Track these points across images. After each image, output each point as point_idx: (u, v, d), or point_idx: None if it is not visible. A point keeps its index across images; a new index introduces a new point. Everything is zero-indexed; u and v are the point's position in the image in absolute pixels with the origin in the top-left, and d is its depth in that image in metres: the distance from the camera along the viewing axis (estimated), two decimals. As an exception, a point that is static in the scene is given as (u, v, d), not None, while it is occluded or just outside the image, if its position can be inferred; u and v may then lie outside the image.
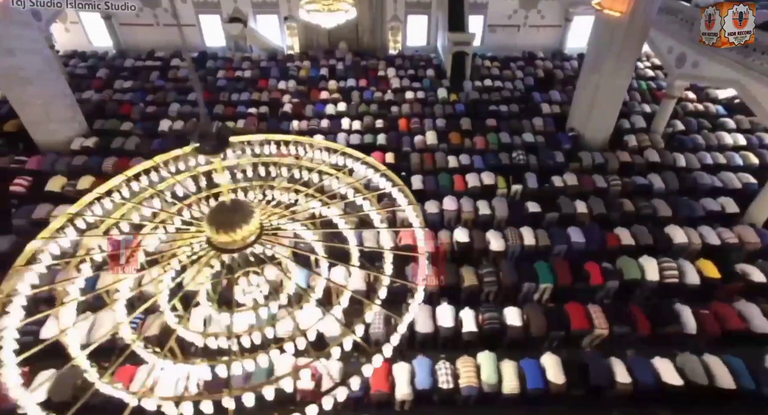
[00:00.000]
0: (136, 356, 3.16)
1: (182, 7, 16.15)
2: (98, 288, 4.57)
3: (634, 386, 5.56)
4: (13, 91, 9.48)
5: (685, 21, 9.74)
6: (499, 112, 11.54)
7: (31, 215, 8.07)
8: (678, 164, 9.69)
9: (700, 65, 9.43)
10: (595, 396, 5.73)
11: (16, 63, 8.97)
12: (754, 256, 7.56)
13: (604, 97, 9.95)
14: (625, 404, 5.59)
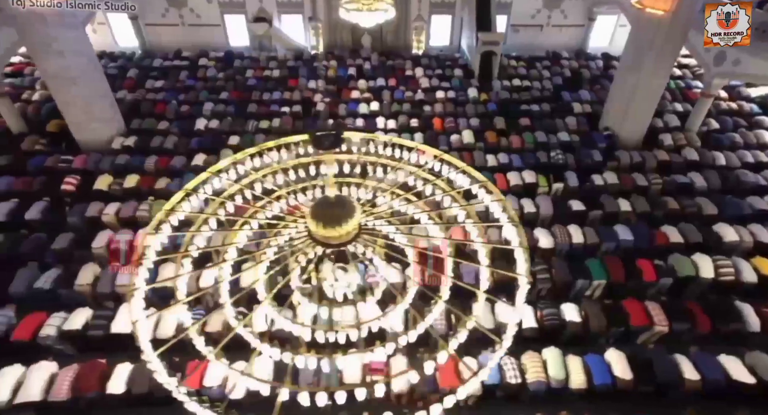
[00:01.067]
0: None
1: (207, 7, 16.16)
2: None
3: (702, 384, 5.50)
4: (60, 92, 9.50)
5: (724, 19, 9.66)
6: (531, 111, 11.48)
7: (84, 213, 8.09)
8: (717, 163, 9.63)
9: (742, 62, 9.38)
10: (662, 393, 5.67)
11: (65, 64, 9.02)
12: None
13: (641, 97, 9.89)
14: (694, 402, 5.51)
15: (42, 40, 8.69)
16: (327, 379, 5.36)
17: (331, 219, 3.33)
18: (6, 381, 5.23)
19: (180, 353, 5.79)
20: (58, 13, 8.50)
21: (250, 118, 11.16)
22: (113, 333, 6.04)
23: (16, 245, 7.36)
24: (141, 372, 5.44)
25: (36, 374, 5.30)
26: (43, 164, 9.38)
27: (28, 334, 5.93)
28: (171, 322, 6.11)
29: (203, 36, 16.17)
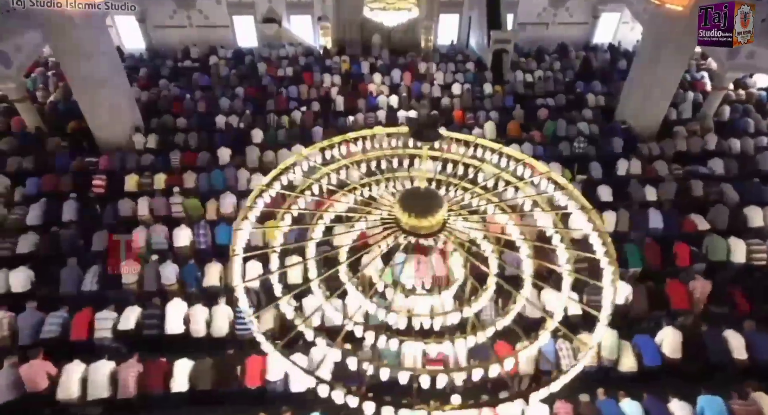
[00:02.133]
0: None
1: (216, 8, 16.05)
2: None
3: (754, 362, 5.58)
4: (87, 95, 9.32)
5: (736, 13, 9.86)
6: (547, 104, 11.58)
7: (117, 213, 7.96)
8: (734, 150, 9.81)
9: (757, 55, 9.57)
10: (711, 372, 5.73)
11: (94, 66, 8.89)
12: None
13: (658, 90, 10.05)
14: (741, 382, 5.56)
15: (71, 43, 8.55)
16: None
17: (421, 210, 3.36)
18: (72, 378, 5.18)
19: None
20: (86, 14, 8.39)
21: (269, 114, 11.07)
22: (168, 334, 6.00)
23: (54, 244, 7.20)
24: (202, 369, 5.38)
25: (100, 371, 5.23)
26: (68, 165, 9.19)
27: (84, 333, 5.89)
28: (223, 321, 6.03)
29: (211, 37, 16.02)
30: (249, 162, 9.39)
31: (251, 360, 5.41)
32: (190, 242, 7.44)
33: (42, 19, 8.33)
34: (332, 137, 4.01)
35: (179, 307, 6.01)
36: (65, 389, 5.17)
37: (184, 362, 5.38)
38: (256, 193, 3.68)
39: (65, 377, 5.20)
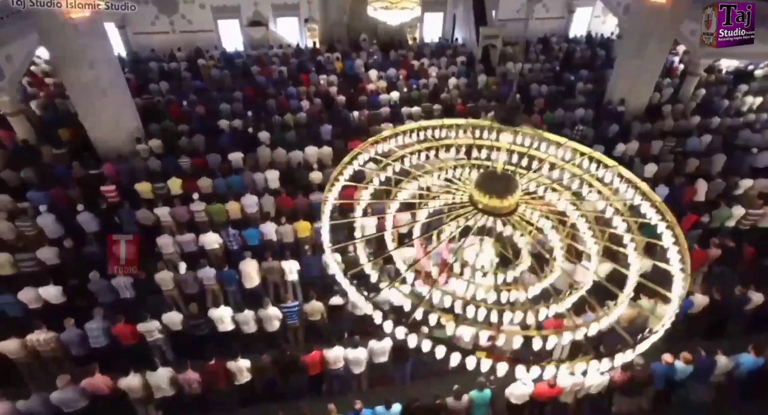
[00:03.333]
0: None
1: (200, 13, 15.64)
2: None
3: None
4: (88, 103, 8.87)
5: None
6: (541, 92, 11.97)
7: (134, 219, 7.65)
8: (712, 126, 10.50)
9: (729, 41, 10.24)
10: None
11: (96, 74, 8.51)
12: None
13: (644, 77, 10.63)
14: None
15: (74, 51, 8.12)
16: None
17: (498, 190, 3.52)
18: (134, 389, 5.08)
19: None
20: (90, 20, 8.04)
21: (272, 115, 10.90)
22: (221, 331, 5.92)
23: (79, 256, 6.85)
24: (264, 365, 5.32)
25: (161, 378, 5.10)
26: (68, 175, 8.73)
27: (133, 339, 5.73)
28: (275, 320, 5.95)
29: (196, 42, 15.54)
30: (262, 163, 9.24)
31: (311, 354, 5.38)
32: (219, 245, 7.26)
33: (42, 27, 7.94)
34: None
35: (221, 310, 5.87)
36: (132, 393, 5.11)
37: (244, 361, 5.26)
38: (340, 169, 3.91)
39: (126, 388, 5.04)
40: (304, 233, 7.42)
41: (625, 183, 3.58)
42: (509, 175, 3.71)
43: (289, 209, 7.96)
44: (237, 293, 6.81)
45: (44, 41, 8.36)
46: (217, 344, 5.82)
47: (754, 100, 12.03)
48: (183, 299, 6.72)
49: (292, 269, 6.64)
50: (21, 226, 7.34)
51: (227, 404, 5.63)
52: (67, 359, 5.83)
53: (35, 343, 5.45)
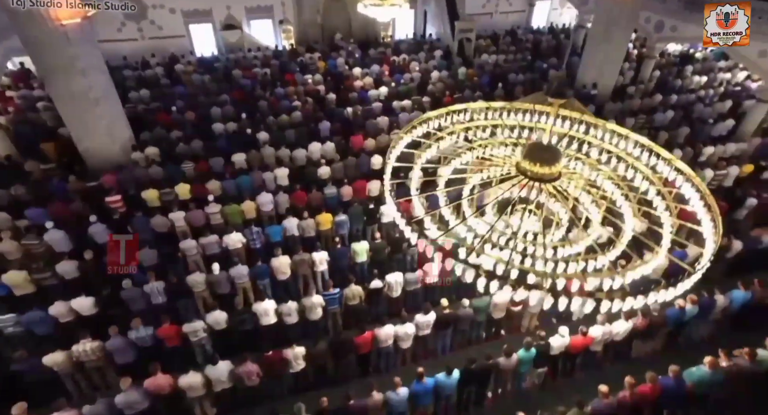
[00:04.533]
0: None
1: (170, 18, 15.17)
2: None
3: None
4: (79, 114, 8.50)
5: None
6: (518, 80, 12.67)
7: (148, 227, 7.52)
8: (672, 103, 11.60)
9: (679, 29, 11.40)
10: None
11: (88, 83, 8.21)
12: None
13: (611, 61, 11.54)
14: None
15: (65, 60, 7.80)
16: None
17: (544, 158, 4.05)
18: (194, 386, 5.13)
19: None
20: (80, 27, 7.75)
21: (265, 115, 10.90)
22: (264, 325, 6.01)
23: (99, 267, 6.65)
24: (320, 349, 5.52)
25: (221, 373, 5.18)
26: (64, 189, 8.37)
27: (178, 341, 5.75)
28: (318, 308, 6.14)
29: (167, 49, 15.05)
30: (266, 162, 9.26)
31: (363, 335, 5.61)
32: (243, 244, 7.28)
33: (30, 36, 7.57)
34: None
35: (266, 304, 5.96)
36: (191, 391, 5.13)
37: (299, 348, 5.42)
38: (398, 138, 4.61)
39: (186, 386, 5.06)
40: (326, 225, 7.59)
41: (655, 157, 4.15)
42: (553, 147, 4.21)
43: (303, 205, 8.08)
44: (268, 287, 6.89)
45: (31, 52, 7.92)
46: (250, 340, 5.93)
47: (700, 79, 13.33)
48: (214, 300, 6.73)
49: (323, 259, 6.81)
50: (28, 244, 7.02)
51: (278, 395, 5.75)
52: (110, 368, 5.74)
53: (81, 353, 5.33)
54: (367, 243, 7.00)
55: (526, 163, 4.33)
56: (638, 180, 4.17)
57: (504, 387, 5.73)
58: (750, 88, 12.95)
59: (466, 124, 4.67)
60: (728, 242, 6.90)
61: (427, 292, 6.75)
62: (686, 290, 3.50)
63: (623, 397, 4.80)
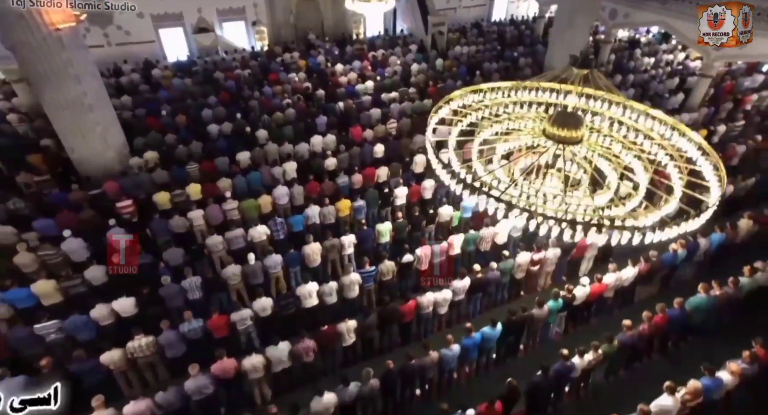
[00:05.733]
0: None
1: (138, 22, 14.64)
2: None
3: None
4: (73, 121, 8.23)
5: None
6: (492, 68, 13.43)
7: (167, 228, 7.48)
8: (630, 82, 12.79)
9: (631, 15, 12.60)
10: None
11: (82, 89, 7.99)
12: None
13: (577, 44, 12.49)
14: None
15: (58, 66, 7.56)
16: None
17: (568, 124, 4.72)
18: (257, 366, 5.30)
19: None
20: (73, 32, 7.53)
21: (262, 115, 10.93)
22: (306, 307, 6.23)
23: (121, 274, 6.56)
24: (369, 322, 5.83)
25: (281, 352, 5.40)
26: (65, 199, 8.08)
27: (226, 331, 5.85)
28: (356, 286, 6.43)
29: (136, 54, 14.55)
30: (271, 159, 9.37)
31: (407, 304, 5.99)
32: (267, 236, 7.42)
33: (21, 44, 7.25)
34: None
35: (309, 286, 6.19)
36: (253, 373, 5.30)
37: (351, 322, 5.71)
38: (435, 111, 5.37)
39: (250, 367, 5.23)
40: (345, 211, 7.87)
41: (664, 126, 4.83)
42: (577, 114, 4.83)
43: (317, 195, 8.30)
44: (299, 275, 7.09)
45: (23, 59, 7.56)
46: (291, 326, 6.05)
47: (650, 60, 14.75)
48: (247, 292, 6.84)
49: (351, 243, 7.11)
50: (44, 255, 6.79)
51: (330, 370, 6.00)
52: (160, 364, 5.76)
53: (136, 349, 5.34)
54: (390, 223, 7.36)
55: (553, 128, 4.93)
56: (648, 145, 4.88)
57: (534, 338, 6.32)
58: (689, 66, 14.52)
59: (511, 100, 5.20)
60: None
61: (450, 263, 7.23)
62: (702, 223, 4.20)
63: (643, 329, 5.51)
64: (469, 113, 5.55)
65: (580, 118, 4.82)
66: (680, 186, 4.63)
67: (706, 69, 11.64)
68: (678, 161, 4.83)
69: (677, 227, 3.85)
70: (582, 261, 7.34)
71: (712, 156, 4.61)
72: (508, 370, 6.02)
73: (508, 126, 5.57)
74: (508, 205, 3.88)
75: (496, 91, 5.60)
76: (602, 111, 5.06)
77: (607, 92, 4.92)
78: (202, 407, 5.14)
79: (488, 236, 7.16)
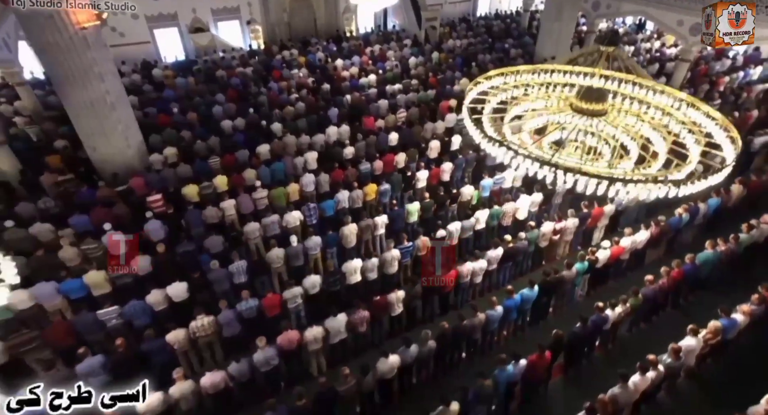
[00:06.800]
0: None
1: (133, 24, 14.50)
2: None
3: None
4: (96, 121, 8.21)
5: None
6: (486, 59, 13.96)
7: (201, 220, 7.63)
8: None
9: (613, 6, 13.35)
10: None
11: (105, 88, 8.00)
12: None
13: (563, 36, 13.20)
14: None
15: (84, 65, 7.56)
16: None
17: (593, 98, 5.21)
18: (318, 337, 5.61)
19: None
20: (96, 31, 7.56)
21: (263, 108, 11.13)
22: (349, 284, 6.56)
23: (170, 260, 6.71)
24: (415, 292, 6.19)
25: (339, 323, 5.72)
26: (94, 196, 8.10)
27: (278, 310, 6.09)
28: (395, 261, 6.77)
29: (131, 56, 14.39)
30: (289, 150, 9.58)
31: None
32: (300, 221, 7.66)
33: (48, 45, 7.24)
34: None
35: (355, 262, 6.49)
36: (313, 344, 5.59)
37: (400, 292, 6.06)
38: (471, 87, 5.91)
39: (311, 338, 5.52)
40: (371, 195, 8.19)
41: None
42: (602, 89, 5.31)
43: (342, 181, 8.58)
44: (335, 256, 7.38)
45: (50, 60, 7.51)
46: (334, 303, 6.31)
47: (630, 49, 15.62)
48: (288, 275, 7.07)
49: (383, 223, 7.44)
50: (86, 248, 6.84)
51: (378, 341, 6.33)
52: (218, 344, 5.96)
53: (198, 328, 5.53)
54: (418, 203, 7.73)
55: (581, 102, 5.40)
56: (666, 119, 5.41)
57: (562, 299, 6.82)
58: (665, 53, 15.46)
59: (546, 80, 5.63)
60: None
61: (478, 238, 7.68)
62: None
63: (663, 283, 6.07)
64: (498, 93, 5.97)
65: (605, 92, 5.30)
66: (697, 150, 5.17)
67: (684, 54, 12.49)
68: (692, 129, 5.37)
69: (705, 181, 4.37)
70: (595, 231, 7.90)
71: (721, 121, 5.17)
72: (540, 331, 6.50)
73: (533, 106, 6.03)
74: (567, 169, 4.30)
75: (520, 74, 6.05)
76: (622, 91, 5.54)
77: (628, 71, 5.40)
78: (268, 378, 5.40)
79: (510, 211, 7.62)
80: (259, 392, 5.33)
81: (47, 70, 8.05)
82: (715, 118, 5.26)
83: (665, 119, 5.41)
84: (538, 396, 5.72)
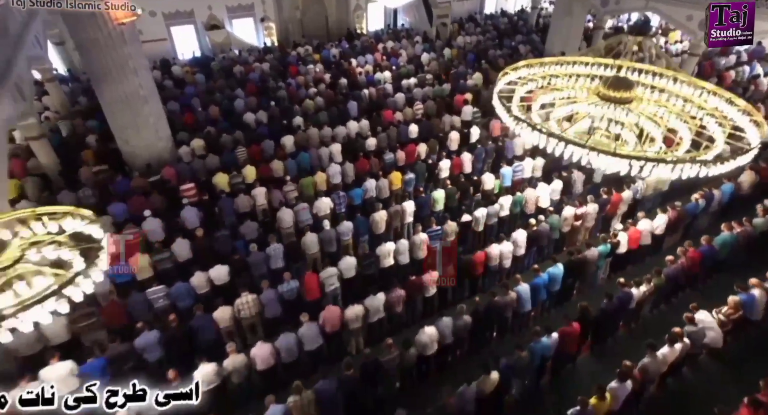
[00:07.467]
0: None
1: (151, 21, 14.68)
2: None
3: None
4: (129, 115, 8.45)
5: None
6: (496, 55, 14.18)
7: (233, 208, 7.86)
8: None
9: (621, 1, 13.57)
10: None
11: (139, 82, 8.26)
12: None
13: (573, 32, 13.42)
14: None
15: (121, 60, 7.81)
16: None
17: (621, 86, 5.40)
18: (358, 315, 5.83)
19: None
20: (131, 26, 7.77)
21: (283, 102, 11.34)
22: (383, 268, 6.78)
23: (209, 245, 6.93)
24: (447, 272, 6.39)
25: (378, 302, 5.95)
26: (128, 188, 8.30)
27: (317, 293, 6.31)
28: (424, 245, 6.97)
29: (148, 53, 14.44)
30: (312, 141, 9.80)
31: (477, 255, 6.60)
32: (330, 209, 7.88)
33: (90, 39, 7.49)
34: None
35: (389, 245, 6.72)
36: (354, 322, 5.81)
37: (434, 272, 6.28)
38: (501, 76, 5.90)
39: (352, 316, 5.75)
40: (397, 184, 8.41)
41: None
42: (628, 78, 5.51)
43: (367, 171, 8.80)
44: (366, 242, 7.59)
45: (90, 56, 7.73)
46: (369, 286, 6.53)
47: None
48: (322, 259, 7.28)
49: (411, 209, 7.67)
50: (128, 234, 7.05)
51: (412, 322, 6.55)
52: (260, 326, 6.17)
53: (243, 305, 5.75)
54: (443, 191, 7.95)
55: (608, 91, 5.62)
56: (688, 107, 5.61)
57: (585, 281, 7.05)
58: (670, 50, 15.69)
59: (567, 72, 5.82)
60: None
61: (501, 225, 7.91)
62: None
63: (682, 263, 6.31)
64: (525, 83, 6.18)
65: (631, 81, 5.49)
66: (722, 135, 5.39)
67: (693, 48, 12.72)
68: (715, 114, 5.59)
69: (733, 161, 4.59)
70: (614, 219, 8.14)
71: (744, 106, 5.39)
72: (566, 312, 6.73)
73: (560, 96, 6.24)
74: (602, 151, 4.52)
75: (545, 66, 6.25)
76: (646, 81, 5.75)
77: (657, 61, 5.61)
78: (311, 357, 5.61)
79: (532, 198, 7.85)
80: (303, 372, 5.55)
81: (86, 66, 8.27)
82: (737, 105, 5.49)
83: (687, 106, 5.65)
84: (566, 372, 5.96)
